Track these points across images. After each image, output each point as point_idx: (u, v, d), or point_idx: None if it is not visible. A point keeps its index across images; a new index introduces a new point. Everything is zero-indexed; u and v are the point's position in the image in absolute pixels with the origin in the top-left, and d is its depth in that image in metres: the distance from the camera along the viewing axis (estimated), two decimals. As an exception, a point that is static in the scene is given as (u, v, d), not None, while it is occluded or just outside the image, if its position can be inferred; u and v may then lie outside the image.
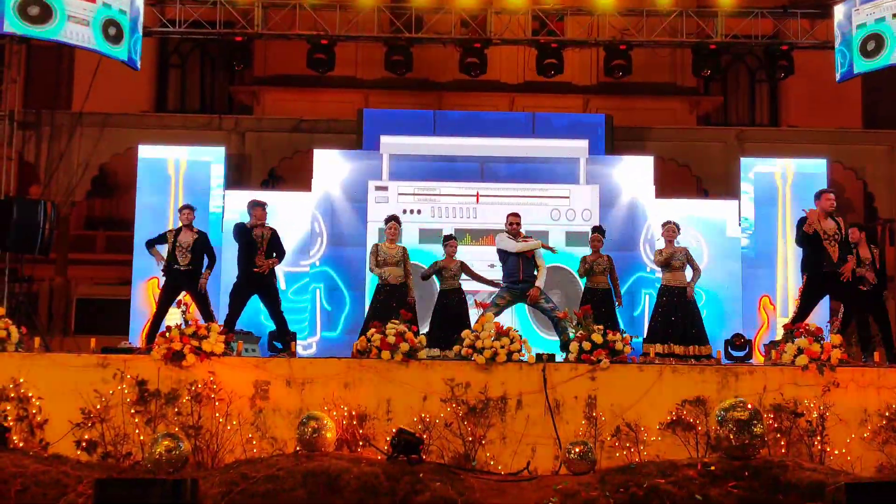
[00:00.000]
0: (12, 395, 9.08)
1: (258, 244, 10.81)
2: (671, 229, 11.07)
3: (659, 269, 11.20)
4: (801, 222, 10.19)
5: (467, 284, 11.37)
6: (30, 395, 9.10)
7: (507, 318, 11.60)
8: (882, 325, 10.74)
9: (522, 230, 11.06)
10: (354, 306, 13.33)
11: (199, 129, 15.29)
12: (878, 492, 6.29)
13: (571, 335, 9.83)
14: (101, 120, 14.92)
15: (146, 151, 14.09)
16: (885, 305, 11.02)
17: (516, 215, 11.11)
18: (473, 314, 10.84)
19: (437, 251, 11.61)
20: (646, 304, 13.43)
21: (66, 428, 8.99)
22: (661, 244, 11.46)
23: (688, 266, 10.99)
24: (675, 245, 11.05)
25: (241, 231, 10.87)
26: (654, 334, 10.84)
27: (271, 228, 11.07)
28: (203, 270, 10.94)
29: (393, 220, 11.14)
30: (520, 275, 10.84)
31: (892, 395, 9.16)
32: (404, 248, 11.10)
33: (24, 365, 9.28)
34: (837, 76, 13.86)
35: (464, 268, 11.23)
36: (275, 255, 10.93)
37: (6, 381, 9.11)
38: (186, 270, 10.83)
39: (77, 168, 14.73)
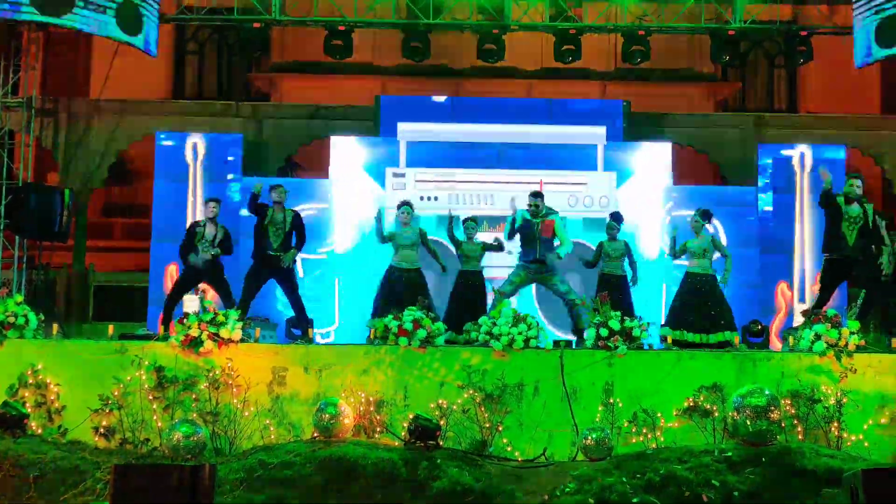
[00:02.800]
0: (31, 381, 9.16)
1: (278, 225, 10.85)
2: (696, 220, 10.98)
3: (679, 256, 11.15)
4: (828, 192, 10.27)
5: (487, 271, 11.39)
6: (48, 381, 9.18)
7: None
8: None
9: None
10: (373, 295, 13.33)
11: (217, 115, 15.28)
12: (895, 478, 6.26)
13: (587, 322, 9.82)
14: (118, 107, 14.93)
15: (164, 138, 14.12)
16: None
17: (534, 195, 11.08)
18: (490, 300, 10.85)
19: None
20: (662, 291, 13.36)
21: (85, 414, 9.07)
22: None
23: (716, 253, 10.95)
24: (702, 234, 10.96)
25: (260, 210, 10.90)
26: (673, 319, 10.78)
27: (294, 211, 11.11)
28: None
29: (406, 205, 11.16)
30: (536, 254, 10.83)
31: (910, 382, 9.14)
32: (421, 230, 11.12)
33: (42, 352, 9.36)
34: (856, 62, 13.75)
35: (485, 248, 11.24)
36: (295, 242, 10.99)
37: (25, 368, 9.20)
38: (207, 264, 10.88)
39: (95, 155, 14.74)
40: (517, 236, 11.04)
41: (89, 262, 14.94)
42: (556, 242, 11.10)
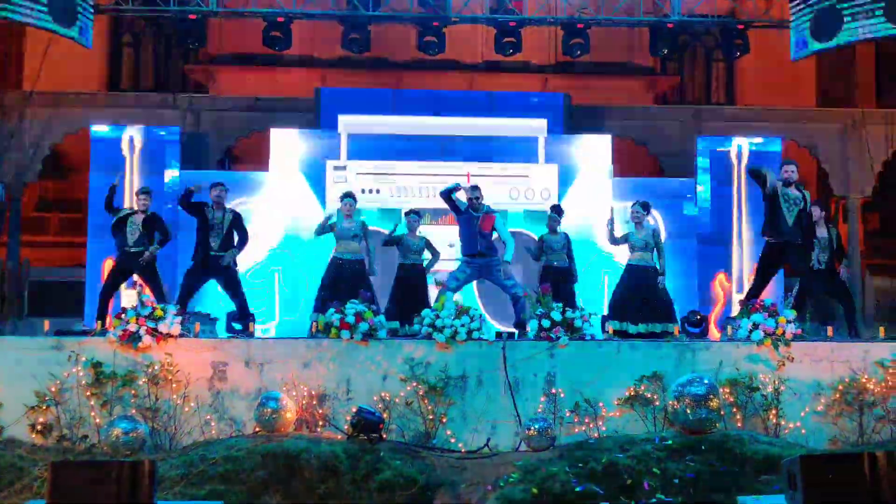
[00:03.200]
0: (-35, 378, 8.95)
1: (217, 226, 10.69)
2: (637, 211, 11.00)
3: (619, 247, 11.21)
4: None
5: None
6: (-18, 378, 8.97)
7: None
8: (844, 301, 10.82)
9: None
10: (314, 288, 13.23)
11: (154, 108, 15.04)
12: (832, 464, 6.36)
13: (529, 314, 9.86)
14: (52, 99, 14.63)
15: (99, 131, 13.87)
16: (843, 282, 11.13)
17: (476, 188, 11.03)
18: (433, 293, 10.84)
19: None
20: (605, 282, 13.45)
21: (21, 411, 8.89)
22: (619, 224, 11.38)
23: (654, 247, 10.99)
24: (643, 226, 11.00)
25: (197, 209, 10.72)
26: (614, 312, 10.84)
27: (234, 211, 10.96)
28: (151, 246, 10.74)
29: (348, 196, 11.09)
30: (477, 248, 10.77)
31: (845, 370, 9.33)
32: (363, 223, 11.07)
33: (-24, 348, 9.14)
34: (792, 54, 13.96)
35: (427, 246, 11.25)
36: (236, 241, 10.83)
37: (-42, 365, 8.98)
38: (136, 252, 10.64)
39: (28, 148, 14.44)
40: (458, 232, 11.02)
41: (24, 257, 14.65)
42: (495, 236, 11.02)
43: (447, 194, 10.85)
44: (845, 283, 11.06)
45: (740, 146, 14.16)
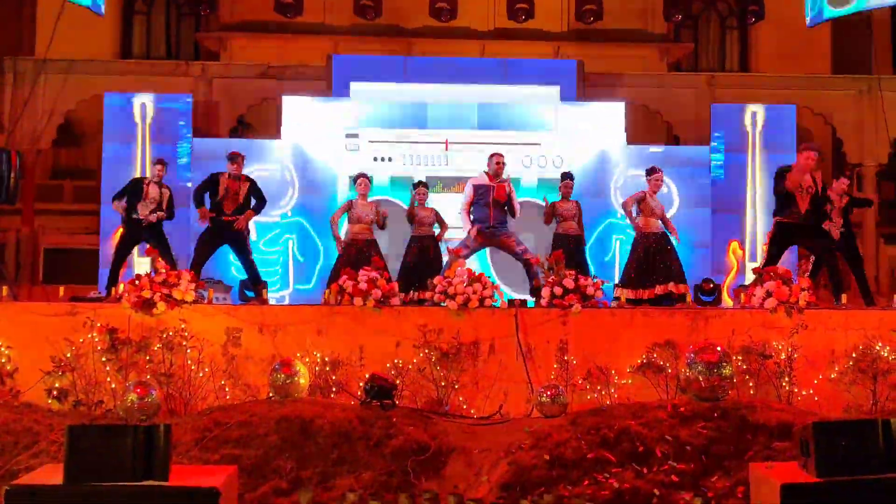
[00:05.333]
0: (-20, 344, 9.01)
1: (233, 195, 10.68)
2: (659, 178, 10.97)
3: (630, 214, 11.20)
4: (781, 174, 10.27)
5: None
6: (-1, 343, 9.04)
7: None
8: (856, 268, 10.79)
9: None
10: (328, 257, 13.27)
11: (166, 75, 15.07)
12: (845, 431, 6.35)
13: (542, 281, 9.86)
14: (65, 66, 14.65)
15: (112, 98, 13.88)
16: (858, 249, 11.08)
17: (500, 155, 11.02)
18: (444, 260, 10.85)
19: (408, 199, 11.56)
20: (616, 249, 13.46)
21: (37, 377, 8.94)
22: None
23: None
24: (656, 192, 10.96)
25: (211, 183, 10.73)
26: (627, 279, 10.84)
27: (249, 178, 10.91)
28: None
29: (363, 176, 11.10)
30: (490, 220, 10.80)
31: (859, 337, 9.27)
32: (377, 208, 11.04)
33: (-8, 314, 9.20)
34: (807, 21, 13.84)
35: (437, 218, 11.25)
36: (253, 204, 10.82)
37: (-26, 331, 9.04)
38: (148, 223, 10.74)
39: (42, 116, 14.48)
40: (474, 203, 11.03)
41: (38, 224, 14.72)
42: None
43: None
44: (857, 251, 11.02)
45: (755, 113, 14.08)
